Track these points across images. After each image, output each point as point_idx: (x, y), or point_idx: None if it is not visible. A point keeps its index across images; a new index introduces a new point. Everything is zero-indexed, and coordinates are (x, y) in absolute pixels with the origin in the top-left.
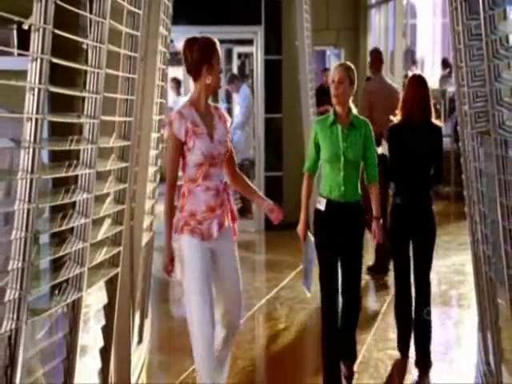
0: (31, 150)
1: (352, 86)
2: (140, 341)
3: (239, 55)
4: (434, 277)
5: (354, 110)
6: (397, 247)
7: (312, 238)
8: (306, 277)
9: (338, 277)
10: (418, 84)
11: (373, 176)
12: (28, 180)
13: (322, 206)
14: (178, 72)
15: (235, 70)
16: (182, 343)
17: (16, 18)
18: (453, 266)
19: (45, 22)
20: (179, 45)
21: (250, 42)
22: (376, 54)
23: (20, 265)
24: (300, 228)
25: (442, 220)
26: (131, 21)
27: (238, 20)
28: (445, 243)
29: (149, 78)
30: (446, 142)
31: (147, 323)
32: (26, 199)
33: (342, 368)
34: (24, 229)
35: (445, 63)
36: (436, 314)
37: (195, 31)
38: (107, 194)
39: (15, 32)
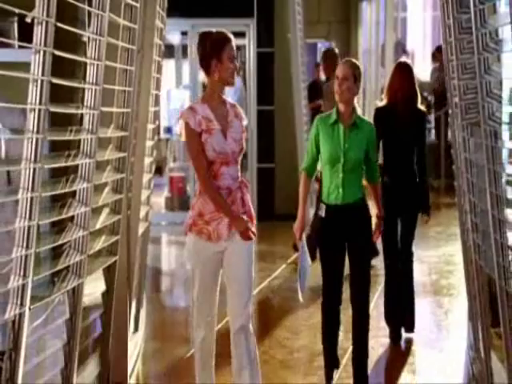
0: (34, 139)
1: (357, 84)
2: (136, 329)
3: None
4: (424, 267)
5: (359, 110)
6: (385, 225)
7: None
8: (299, 279)
9: (342, 289)
10: (403, 70)
11: (374, 176)
12: (31, 169)
13: (322, 213)
14: (169, 64)
15: None
16: (175, 332)
17: (17, 11)
18: (443, 257)
19: (47, 16)
20: (171, 37)
21: (241, 35)
22: (329, 56)
23: (24, 252)
24: (296, 227)
25: (433, 211)
26: (129, 14)
27: (231, 12)
28: (435, 234)
29: (145, 70)
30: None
31: (142, 312)
32: (30, 188)
33: None
34: (27, 217)
35: (434, 56)
36: (427, 302)
37: (187, 24)
38: (105, 184)
39: (16, 24)
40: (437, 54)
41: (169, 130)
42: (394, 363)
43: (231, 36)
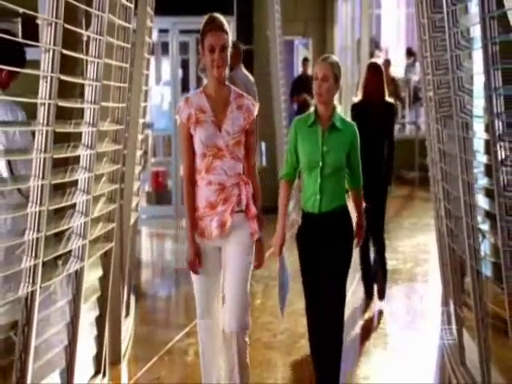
0: (44, 131)
1: (337, 84)
2: (127, 314)
3: None
4: (399, 255)
5: (339, 109)
6: None
7: (286, 254)
8: (280, 296)
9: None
10: (373, 70)
11: (356, 183)
12: (42, 158)
13: (299, 220)
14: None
15: None
16: (158, 318)
17: (21, 11)
18: (418, 246)
19: (56, 17)
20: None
21: None
22: (236, 48)
23: (35, 235)
24: (275, 241)
25: (408, 203)
26: (123, 14)
27: (211, 10)
28: (410, 225)
29: (136, 67)
30: (411, 129)
31: (132, 299)
32: (40, 176)
33: None
34: (39, 202)
35: (409, 52)
36: (402, 289)
37: (168, 22)
38: (101, 175)
39: (20, 25)
40: None
41: (149, 125)
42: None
43: (219, 23)
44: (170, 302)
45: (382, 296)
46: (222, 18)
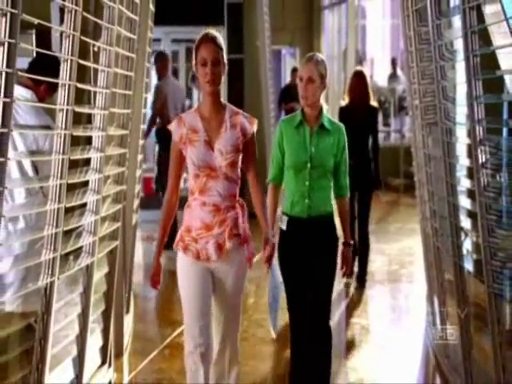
0: (62, 134)
1: (323, 83)
2: (127, 311)
3: None
4: (385, 258)
5: (325, 108)
6: None
7: (277, 265)
8: (271, 314)
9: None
10: (358, 77)
11: (343, 188)
12: (60, 160)
13: (283, 225)
14: None
15: None
16: (149, 318)
17: (37, 21)
18: (403, 249)
19: (74, 30)
20: None
21: None
22: (162, 58)
23: (54, 230)
24: (265, 252)
25: (393, 209)
26: (128, 26)
27: (202, 20)
28: (396, 229)
29: (139, 75)
30: (396, 137)
31: (131, 297)
32: (59, 176)
33: None
34: (57, 200)
35: (394, 63)
36: (388, 289)
37: (160, 31)
38: (107, 177)
39: (34, 36)
40: None
41: None
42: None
43: (212, 36)
44: (163, 301)
45: (362, 283)
46: (217, 33)
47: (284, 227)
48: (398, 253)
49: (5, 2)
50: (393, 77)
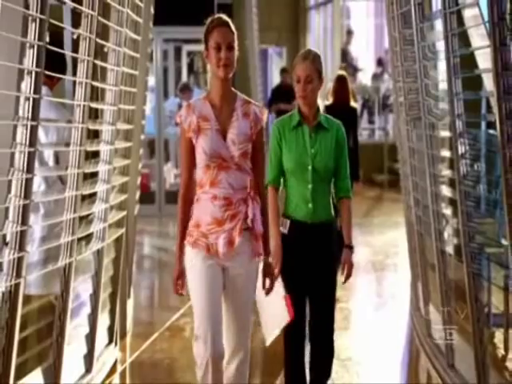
0: (80, 128)
1: (321, 80)
2: (129, 296)
3: (188, 53)
4: (371, 249)
5: (321, 105)
6: None
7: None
8: (272, 325)
9: (306, 318)
10: (340, 81)
11: (345, 189)
12: (77, 151)
13: (284, 229)
14: None
15: (184, 68)
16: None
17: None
18: (387, 241)
19: (90, 33)
20: None
21: (198, 41)
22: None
23: (72, 215)
24: (274, 255)
25: (378, 203)
26: (133, 28)
27: (193, 20)
28: (380, 222)
29: (140, 74)
30: (380, 135)
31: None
32: (76, 165)
33: None
34: (75, 187)
35: (379, 62)
36: (373, 277)
37: (152, 31)
38: (114, 168)
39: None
40: None
41: None
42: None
43: (226, 20)
44: (160, 289)
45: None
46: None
47: (286, 231)
48: (383, 244)
49: (34, 8)
50: (377, 75)
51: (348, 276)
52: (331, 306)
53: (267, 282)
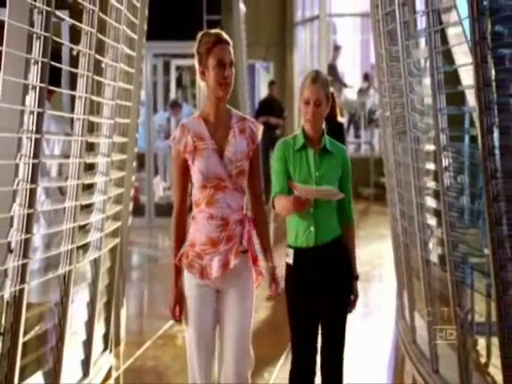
0: (79, 141)
1: (328, 103)
2: (122, 305)
3: (177, 67)
4: (357, 260)
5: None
6: None
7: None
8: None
9: (316, 356)
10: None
11: (348, 216)
12: (77, 163)
13: (290, 259)
14: None
15: (173, 82)
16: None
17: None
18: (373, 252)
19: (90, 49)
20: None
21: (192, 56)
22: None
23: (72, 225)
24: (291, 203)
25: (364, 216)
26: (128, 44)
27: (182, 35)
28: (366, 234)
29: (135, 88)
30: (366, 149)
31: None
32: (76, 177)
33: None
34: (74, 198)
35: (366, 77)
36: (360, 288)
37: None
38: (110, 180)
39: None
40: None
41: None
42: None
43: (226, 37)
44: (150, 299)
45: None
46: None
47: (291, 261)
48: (369, 256)
49: (38, 26)
50: (362, 90)
51: (353, 306)
52: (343, 332)
53: (273, 287)
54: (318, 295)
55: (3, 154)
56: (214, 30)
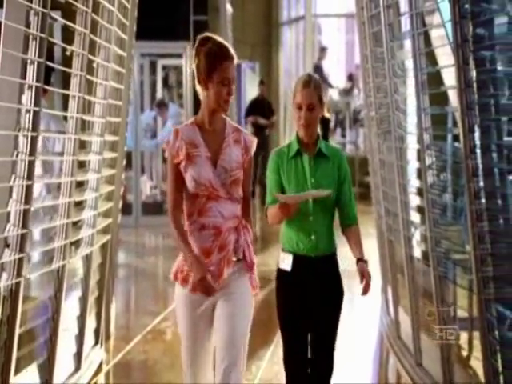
0: (72, 139)
1: (322, 106)
2: (111, 301)
3: (164, 67)
4: (342, 259)
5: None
6: None
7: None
8: None
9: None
10: None
11: (352, 217)
12: (71, 161)
13: (287, 265)
14: None
15: (159, 82)
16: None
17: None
18: None
19: (83, 49)
20: None
21: (179, 56)
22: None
23: (65, 221)
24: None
25: None
26: (119, 44)
27: (169, 36)
28: None
29: (125, 87)
30: (351, 148)
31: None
32: (69, 174)
33: None
34: (68, 195)
35: (350, 78)
36: (345, 284)
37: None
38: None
39: None
40: None
41: None
42: None
43: (231, 53)
44: (139, 295)
45: None
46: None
47: (289, 268)
48: None
49: (35, 27)
50: (346, 91)
51: (367, 287)
52: (333, 345)
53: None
54: (312, 306)
55: (0, 151)
56: (220, 41)
